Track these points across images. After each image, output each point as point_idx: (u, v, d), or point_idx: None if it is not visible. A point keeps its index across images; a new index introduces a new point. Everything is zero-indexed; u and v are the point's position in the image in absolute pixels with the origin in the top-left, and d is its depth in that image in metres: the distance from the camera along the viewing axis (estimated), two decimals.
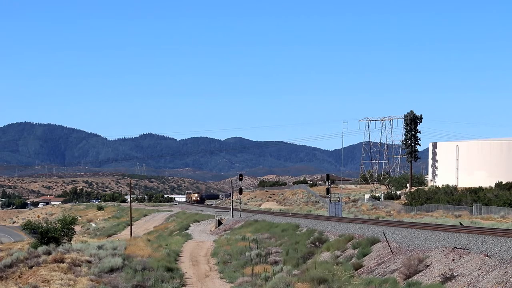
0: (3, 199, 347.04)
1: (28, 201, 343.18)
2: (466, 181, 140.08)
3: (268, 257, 49.58)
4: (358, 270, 38.15)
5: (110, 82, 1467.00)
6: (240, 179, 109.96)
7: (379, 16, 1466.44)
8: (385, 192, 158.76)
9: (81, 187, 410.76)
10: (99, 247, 53.66)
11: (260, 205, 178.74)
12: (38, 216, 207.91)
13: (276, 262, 46.96)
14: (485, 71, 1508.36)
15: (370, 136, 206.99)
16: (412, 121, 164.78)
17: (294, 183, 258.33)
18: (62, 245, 57.26)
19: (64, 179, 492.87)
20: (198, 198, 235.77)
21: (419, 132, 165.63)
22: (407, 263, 33.42)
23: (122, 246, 55.73)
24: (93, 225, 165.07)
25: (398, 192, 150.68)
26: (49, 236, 61.34)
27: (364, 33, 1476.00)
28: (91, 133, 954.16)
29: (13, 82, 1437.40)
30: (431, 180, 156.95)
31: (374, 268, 37.62)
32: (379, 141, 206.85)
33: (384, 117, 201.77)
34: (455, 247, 34.72)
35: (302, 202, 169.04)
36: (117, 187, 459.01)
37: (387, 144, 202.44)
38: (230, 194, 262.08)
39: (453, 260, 32.43)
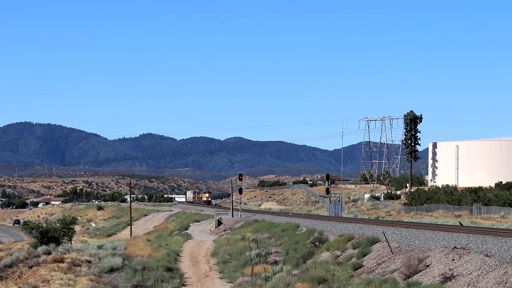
0: (3, 199, 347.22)
1: (28, 201, 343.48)
2: (466, 181, 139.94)
3: (268, 257, 49.56)
4: (358, 270, 38.11)
5: (110, 82, 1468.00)
6: (240, 179, 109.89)
7: (379, 16, 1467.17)
8: (385, 192, 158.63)
9: (81, 187, 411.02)
10: (99, 247, 53.68)
11: (260, 205, 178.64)
12: (38, 216, 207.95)
13: (276, 262, 46.92)
14: (485, 71, 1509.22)
15: (370, 136, 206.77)
16: (412, 121, 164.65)
17: (294, 183, 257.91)
18: (62, 245, 57.29)
19: (64, 179, 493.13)
20: (209, 199, 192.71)
21: (419, 132, 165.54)
22: (407, 263, 33.40)
23: (122, 246, 55.74)
24: (93, 225, 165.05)
25: (398, 192, 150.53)
26: (49, 236, 61.37)
27: (364, 33, 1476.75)
28: (91, 133, 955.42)
29: (13, 82, 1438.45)
30: (431, 180, 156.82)
31: (374, 268, 37.60)
32: (379, 141, 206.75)
33: (384, 117, 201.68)
34: (455, 247, 34.69)
35: (302, 202, 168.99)
36: (117, 187, 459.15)
37: (387, 144, 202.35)
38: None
39: (453, 260, 32.41)
